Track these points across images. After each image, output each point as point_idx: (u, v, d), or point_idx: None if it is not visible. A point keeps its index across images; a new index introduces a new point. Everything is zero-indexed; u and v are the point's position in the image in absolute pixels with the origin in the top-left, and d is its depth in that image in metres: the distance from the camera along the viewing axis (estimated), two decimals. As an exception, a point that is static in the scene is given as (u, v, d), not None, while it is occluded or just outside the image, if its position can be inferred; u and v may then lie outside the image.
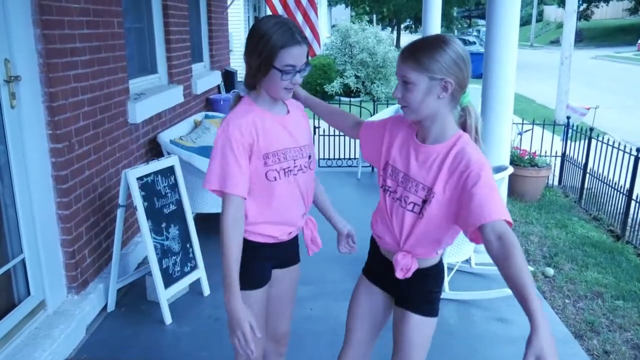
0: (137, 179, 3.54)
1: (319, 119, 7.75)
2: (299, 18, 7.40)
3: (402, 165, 1.89)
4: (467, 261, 4.27)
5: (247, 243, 2.01)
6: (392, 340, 2.08)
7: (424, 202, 1.81)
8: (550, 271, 4.43)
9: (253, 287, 2.09)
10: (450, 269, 3.99)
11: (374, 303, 2.15)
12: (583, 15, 44.56)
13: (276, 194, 2.02)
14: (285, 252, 2.21)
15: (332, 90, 14.27)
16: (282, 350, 2.39)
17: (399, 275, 1.93)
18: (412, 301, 2.01)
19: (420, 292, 2.01)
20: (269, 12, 18.86)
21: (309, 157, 2.11)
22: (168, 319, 3.54)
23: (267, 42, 1.87)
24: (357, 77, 14.82)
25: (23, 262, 3.16)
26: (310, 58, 7.14)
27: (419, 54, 1.74)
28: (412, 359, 2.01)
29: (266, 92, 2.00)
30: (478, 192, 1.67)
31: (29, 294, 3.21)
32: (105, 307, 3.69)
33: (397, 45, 31.23)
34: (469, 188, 1.70)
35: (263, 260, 2.12)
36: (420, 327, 2.00)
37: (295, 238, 2.23)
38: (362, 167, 6.96)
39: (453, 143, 1.80)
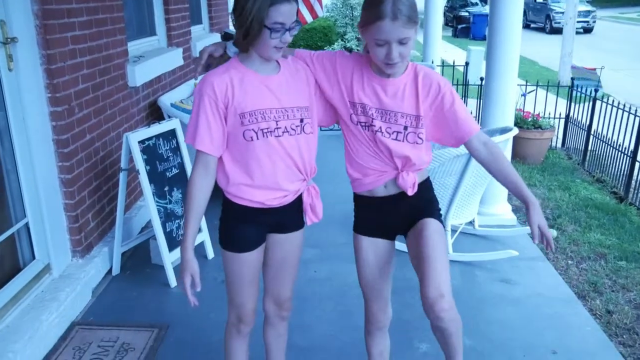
0: (139, 142, 3.51)
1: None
2: None
3: (371, 101, 2.01)
4: (471, 223, 4.27)
5: (232, 205, 2.06)
6: (414, 270, 2.08)
7: (405, 128, 2.00)
8: (554, 232, 4.43)
9: (236, 249, 2.11)
10: (454, 231, 3.99)
11: (378, 255, 2.22)
12: (587, -25, 43.79)
13: (254, 156, 1.97)
14: (281, 218, 2.14)
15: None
16: (285, 314, 2.37)
17: (410, 192, 2.06)
18: (425, 211, 2.11)
19: (427, 201, 2.15)
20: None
21: (301, 120, 2.02)
22: (173, 281, 3.56)
23: (255, 0, 1.84)
24: (358, 39, 14.63)
25: (27, 226, 3.15)
26: (312, 20, 6.98)
27: (407, 12, 1.83)
28: (444, 263, 2.01)
29: (256, 52, 1.96)
30: (458, 109, 1.99)
31: (34, 257, 3.21)
32: (110, 270, 3.71)
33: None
34: (449, 107, 1.99)
35: (249, 224, 2.10)
36: (440, 231, 2.07)
37: (295, 204, 2.15)
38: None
39: (413, 71, 2.02)
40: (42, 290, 3.15)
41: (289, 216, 2.17)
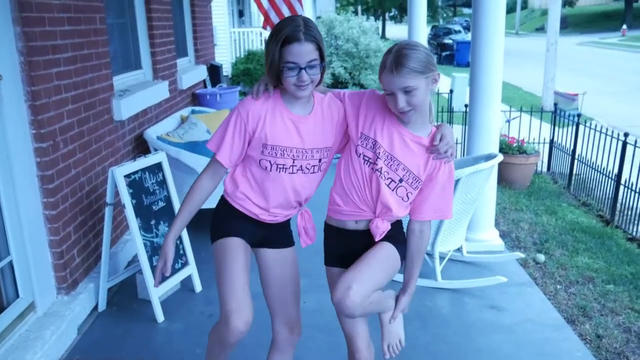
0: (125, 176, 3.50)
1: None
2: (285, 11, 7.34)
3: (384, 141, 2.07)
4: (459, 250, 4.27)
5: (229, 206, 2.23)
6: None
7: (400, 181, 2.08)
8: (542, 257, 4.45)
9: (224, 234, 2.21)
10: (442, 258, 3.99)
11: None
12: (567, 2, 44.79)
13: (264, 182, 2.15)
14: (270, 232, 2.29)
15: (324, 82, 14.19)
16: (296, 339, 2.42)
17: (378, 239, 2.14)
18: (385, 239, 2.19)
19: (391, 237, 2.20)
20: (254, 6, 18.63)
21: (319, 159, 2.16)
22: (160, 316, 3.51)
23: (273, 38, 1.98)
24: (344, 67, 14.77)
25: (11, 264, 3.12)
26: None
27: (408, 64, 1.92)
28: (373, 270, 2.08)
29: (286, 90, 2.07)
30: (441, 188, 2.12)
31: (17, 296, 3.17)
32: (96, 306, 3.66)
33: (383, 35, 31.18)
34: (436, 181, 2.10)
35: (241, 222, 2.22)
36: (388, 253, 2.16)
37: (285, 222, 2.33)
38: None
39: (431, 138, 2.09)
40: (26, 330, 3.09)
41: (278, 232, 2.31)
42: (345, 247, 2.22)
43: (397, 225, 2.24)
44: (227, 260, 2.16)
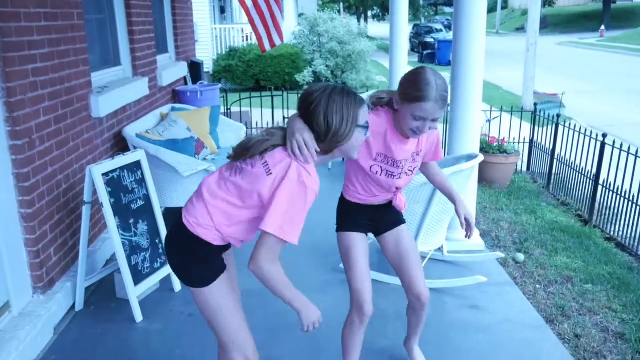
0: (103, 174, 3.45)
1: (283, 109, 7.73)
2: (265, 11, 7.31)
3: (390, 153, 2.48)
4: (440, 249, 4.28)
5: (208, 245, 2.09)
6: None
7: (414, 168, 2.62)
8: (521, 257, 4.47)
9: (218, 274, 2.16)
10: (422, 257, 3.99)
11: (365, 244, 2.65)
12: (547, 2, 45.19)
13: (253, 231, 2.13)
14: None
15: (304, 80, 14.16)
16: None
17: (404, 209, 2.70)
18: (399, 216, 2.75)
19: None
20: (235, 2, 18.48)
21: None
22: (139, 316, 3.47)
23: (349, 108, 2.01)
24: (326, 66, 14.76)
25: (-15, 263, 3.06)
26: (270, 48, 7.09)
27: (446, 98, 2.30)
28: (418, 258, 2.74)
29: (341, 154, 2.11)
30: (437, 144, 2.70)
31: (-8, 296, 3.11)
32: (73, 306, 3.60)
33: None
34: (434, 143, 2.67)
35: (219, 254, 2.20)
36: (410, 236, 2.78)
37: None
38: (332, 157, 6.89)
39: None
40: (0, 330, 3.03)
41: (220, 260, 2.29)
42: (368, 217, 2.66)
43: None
44: (227, 306, 2.19)
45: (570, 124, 6.16)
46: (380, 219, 2.70)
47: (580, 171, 5.77)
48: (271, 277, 1.98)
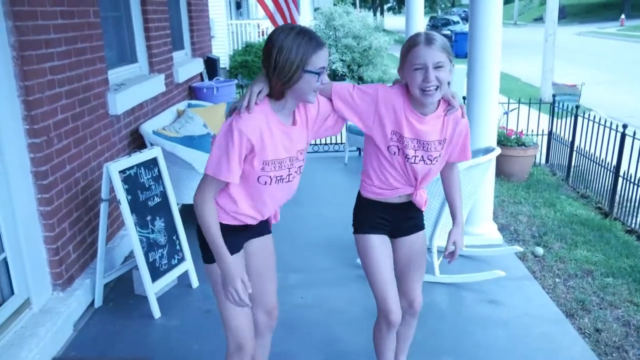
0: (120, 172, 3.47)
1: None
2: (282, 3, 7.30)
3: (411, 133, 2.26)
4: (457, 243, 4.24)
5: (223, 226, 2.14)
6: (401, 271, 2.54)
7: (438, 156, 2.33)
8: (540, 250, 4.43)
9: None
10: (440, 252, 3.97)
11: (387, 247, 2.48)
12: (566, -8, 44.57)
13: (262, 196, 2.16)
14: (254, 229, 2.32)
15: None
16: (273, 324, 2.52)
17: (424, 208, 2.45)
18: (418, 221, 2.54)
19: (420, 212, 2.53)
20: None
21: (303, 159, 2.23)
22: (157, 313, 3.49)
23: (297, 50, 1.97)
24: (342, 60, 14.71)
25: (5, 260, 3.09)
26: None
27: (442, 43, 2.16)
28: (424, 267, 2.62)
29: (295, 99, 2.08)
30: (465, 139, 2.39)
31: (12, 293, 3.15)
32: (92, 303, 3.64)
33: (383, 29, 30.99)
34: (461, 136, 2.36)
35: (228, 238, 2.16)
36: (423, 244, 2.60)
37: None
38: (348, 151, 6.89)
39: (444, 109, 2.31)
40: (21, 327, 3.07)
41: (260, 225, 2.34)
42: (389, 217, 2.44)
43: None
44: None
45: (589, 115, 6.07)
46: (400, 222, 2.47)
47: (600, 163, 5.69)
48: (200, 212, 2.08)
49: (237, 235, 2.24)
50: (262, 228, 2.36)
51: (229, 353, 2.30)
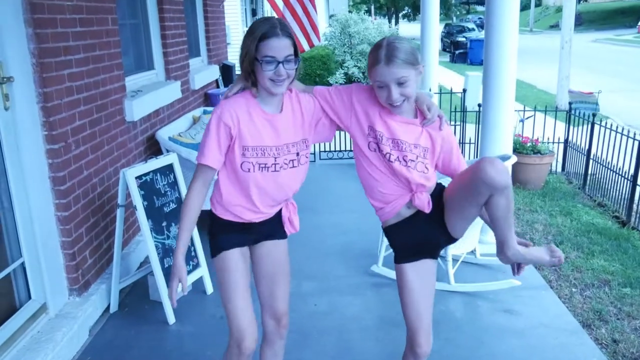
0: (136, 178, 3.49)
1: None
2: (299, 10, 7.32)
3: (388, 132, 2.16)
4: (472, 252, 4.22)
5: (218, 220, 2.25)
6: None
7: (417, 157, 2.17)
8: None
9: (220, 249, 2.27)
10: (455, 260, 3.95)
11: (421, 276, 2.28)
12: (582, -2, 44.35)
13: (249, 185, 2.16)
14: (263, 229, 2.31)
15: (335, 82, 14.15)
16: (283, 331, 2.45)
17: (427, 210, 2.19)
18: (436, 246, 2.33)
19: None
20: (267, 5, 18.55)
21: (297, 153, 2.21)
22: (171, 318, 3.51)
23: (249, 35, 2.06)
24: (357, 67, 14.72)
25: (23, 265, 3.13)
26: (309, 48, 7.03)
27: (400, 55, 2.04)
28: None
29: (260, 86, 2.12)
30: (455, 145, 2.27)
31: (29, 297, 3.18)
32: (108, 308, 3.66)
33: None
34: (450, 143, 2.25)
35: (231, 233, 2.26)
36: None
37: (275, 217, 2.33)
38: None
39: (421, 121, 2.20)
40: (38, 331, 3.10)
41: (270, 227, 2.33)
42: (416, 234, 2.25)
43: (436, 191, 2.27)
44: (227, 278, 2.24)
45: (606, 123, 6.02)
46: (430, 230, 2.24)
47: (618, 171, 5.63)
48: (186, 194, 2.17)
49: (236, 232, 2.26)
50: (273, 231, 2.35)
51: (229, 345, 2.29)
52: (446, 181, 2.29)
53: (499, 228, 2.09)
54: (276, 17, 2.15)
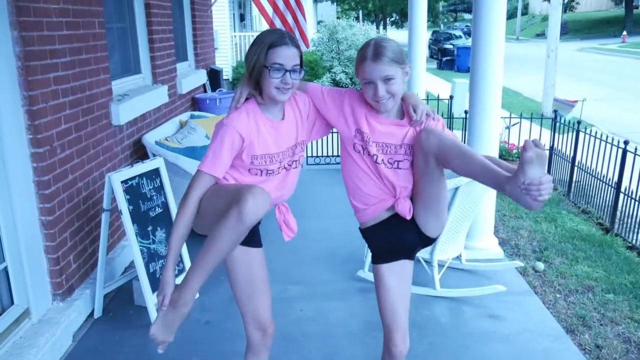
0: (122, 182, 3.48)
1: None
2: (289, 18, 7.34)
3: (374, 134, 2.20)
4: (458, 258, 4.24)
5: None
6: None
7: (401, 160, 2.19)
8: (541, 266, 4.42)
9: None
10: (441, 266, 3.96)
11: (398, 276, 2.33)
12: (568, 7, 44.86)
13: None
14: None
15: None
16: (268, 341, 2.41)
17: (408, 216, 2.20)
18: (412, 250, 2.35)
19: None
20: (255, 10, 18.57)
21: (295, 154, 2.28)
22: (156, 323, 3.48)
23: (258, 43, 2.10)
24: (345, 72, 14.77)
25: (5, 270, 3.10)
26: None
27: (387, 53, 2.09)
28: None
29: (265, 94, 2.14)
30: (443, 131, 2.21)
31: (12, 302, 3.15)
32: (92, 313, 3.63)
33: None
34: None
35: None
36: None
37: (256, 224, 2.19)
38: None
39: (409, 121, 2.22)
40: (20, 336, 3.07)
41: (251, 232, 2.22)
42: (393, 236, 2.29)
43: None
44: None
45: (591, 131, 6.08)
46: (407, 232, 2.29)
47: (602, 179, 5.69)
48: (178, 207, 2.17)
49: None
50: (248, 238, 2.26)
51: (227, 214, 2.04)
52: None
53: (484, 172, 2.05)
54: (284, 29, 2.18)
